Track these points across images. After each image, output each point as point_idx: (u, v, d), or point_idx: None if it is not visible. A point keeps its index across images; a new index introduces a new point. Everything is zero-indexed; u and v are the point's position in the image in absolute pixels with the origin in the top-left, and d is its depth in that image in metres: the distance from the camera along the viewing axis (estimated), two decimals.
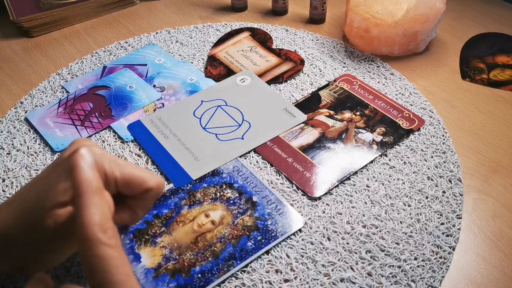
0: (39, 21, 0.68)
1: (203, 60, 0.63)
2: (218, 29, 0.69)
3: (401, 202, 0.45)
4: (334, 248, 0.41)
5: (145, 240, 0.42)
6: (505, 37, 0.67)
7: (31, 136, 0.53)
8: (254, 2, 0.75)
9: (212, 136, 0.52)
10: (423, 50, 0.63)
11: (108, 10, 0.73)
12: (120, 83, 0.59)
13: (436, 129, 0.52)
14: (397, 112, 0.54)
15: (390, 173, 0.48)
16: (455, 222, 0.43)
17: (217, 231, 0.42)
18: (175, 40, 0.67)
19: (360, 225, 0.43)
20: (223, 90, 0.57)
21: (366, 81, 0.59)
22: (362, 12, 0.60)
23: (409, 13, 0.58)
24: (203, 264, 0.40)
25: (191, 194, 0.46)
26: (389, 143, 0.50)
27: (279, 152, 0.50)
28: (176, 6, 0.75)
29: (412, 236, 0.42)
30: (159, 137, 0.51)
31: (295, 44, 0.65)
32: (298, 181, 0.47)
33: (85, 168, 0.28)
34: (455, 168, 0.48)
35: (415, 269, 0.40)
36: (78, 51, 0.66)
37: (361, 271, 0.40)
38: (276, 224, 0.43)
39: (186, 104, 0.56)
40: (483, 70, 0.61)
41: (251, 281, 0.39)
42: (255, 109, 0.55)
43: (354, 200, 0.45)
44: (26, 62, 0.64)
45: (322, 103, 0.56)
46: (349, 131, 0.52)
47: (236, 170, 0.48)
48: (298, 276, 0.40)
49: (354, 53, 0.63)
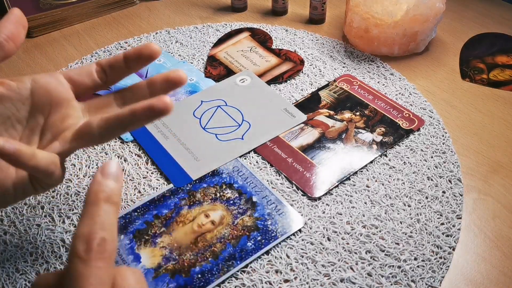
0: (39, 21, 0.68)
1: (203, 60, 0.63)
2: (218, 29, 0.69)
3: (401, 202, 0.45)
4: (334, 248, 0.41)
5: (145, 241, 0.42)
6: (505, 37, 0.67)
7: None
8: (254, 2, 0.75)
9: (212, 136, 0.52)
10: (423, 50, 0.63)
11: (108, 10, 0.73)
12: (120, 83, 0.59)
13: (436, 129, 0.52)
14: (397, 112, 0.54)
15: (390, 173, 0.48)
16: (455, 222, 0.43)
17: (217, 232, 0.42)
18: (175, 40, 0.67)
19: (360, 225, 0.43)
20: (223, 90, 0.57)
21: (366, 81, 0.59)
22: (362, 12, 0.60)
23: (408, 13, 0.58)
24: (203, 264, 0.40)
25: (191, 195, 0.46)
26: (389, 143, 0.50)
27: (279, 152, 0.50)
28: (175, 6, 0.75)
29: (412, 236, 0.42)
30: (159, 137, 0.51)
31: (295, 44, 0.65)
32: (298, 181, 0.47)
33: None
34: (455, 168, 0.48)
35: (415, 269, 0.40)
36: (78, 51, 0.66)
37: (361, 271, 0.40)
38: (276, 224, 0.43)
39: (186, 104, 0.56)
40: (483, 70, 0.61)
41: (251, 281, 0.39)
42: (255, 109, 0.55)
43: (354, 200, 0.45)
44: (26, 62, 0.64)
45: (322, 103, 0.56)
46: (349, 131, 0.52)
47: (236, 170, 0.48)
48: (298, 276, 0.40)
49: (354, 53, 0.63)
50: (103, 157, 0.50)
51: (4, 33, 0.33)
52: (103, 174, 0.25)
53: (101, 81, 0.37)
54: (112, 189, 0.25)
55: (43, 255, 0.41)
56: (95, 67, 0.37)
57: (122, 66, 0.37)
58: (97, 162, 0.49)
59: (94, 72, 0.37)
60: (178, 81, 0.37)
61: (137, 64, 0.37)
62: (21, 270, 0.40)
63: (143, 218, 0.44)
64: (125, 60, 0.37)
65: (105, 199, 0.24)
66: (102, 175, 0.25)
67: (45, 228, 0.43)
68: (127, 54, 0.37)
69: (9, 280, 0.39)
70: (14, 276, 0.40)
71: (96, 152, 0.50)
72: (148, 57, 0.36)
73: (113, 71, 0.37)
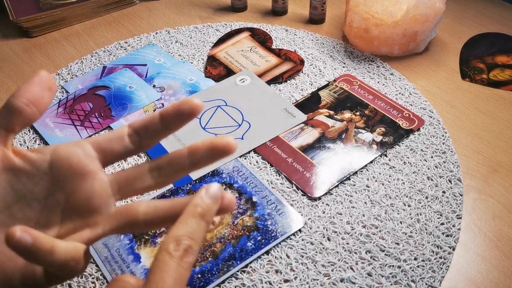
0: (39, 21, 0.68)
1: (203, 60, 0.63)
2: (218, 29, 0.69)
3: (401, 202, 0.45)
4: (334, 248, 0.41)
5: (145, 240, 0.42)
6: (505, 37, 0.67)
7: (31, 136, 0.53)
8: (254, 2, 0.75)
9: (212, 136, 0.51)
10: (423, 50, 0.63)
11: (108, 10, 0.73)
12: (120, 83, 0.59)
13: (436, 129, 0.52)
14: (397, 112, 0.54)
15: (390, 173, 0.48)
16: (455, 222, 0.43)
17: (217, 231, 0.42)
18: (175, 40, 0.67)
19: (360, 225, 0.43)
20: (223, 90, 0.57)
21: (366, 81, 0.59)
22: (362, 12, 0.60)
23: (408, 13, 0.58)
24: (203, 264, 0.40)
25: (191, 194, 0.46)
26: (389, 143, 0.50)
27: (279, 152, 0.50)
28: (175, 6, 0.75)
29: (412, 236, 0.42)
30: None
31: (295, 44, 0.65)
32: (298, 181, 0.47)
33: None
34: (455, 168, 0.48)
35: (415, 269, 0.40)
36: (77, 51, 0.66)
37: (361, 271, 0.40)
38: (276, 224, 0.43)
39: None
40: (483, 70, 0.61)
41: (251, 281, 0.39)
42: (255, 109, 0.55)
43: (354, 200, 0.45)
44: (26, 62, 0.64)
45: (322, 103, 0.56)
46: (349, 131, 0.52)
47: (236, 170, 0.48)
48: (298, 276, 0.40)
49: (354, 53, 0.63)
50: None
51: (25, 96, 0.29)
52: (206, 192, 0.28)
53: (133, 145, 0.32)
54: (209, 208, 0.28)
55: None
56: (127, 131, 0.32)
57: (158, 127, 0.31)
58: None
59: (126, 137, 0.32)
60: (227, 150, 0.31)
61: (177, 123, 0.31)
62: None
63: None
64: (162, 120, 0.31)
65: (201, 214, 0.28)
66: (205, 193, 0.28)
67: None
68: (163, 113, 0.31)
69: None
70: None
71: None
72: (189, 115, 0.31)
73: (148, 133, 0.32)
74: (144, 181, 0.31)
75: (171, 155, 0.32)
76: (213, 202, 0.28)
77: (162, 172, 0.32)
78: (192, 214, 0.28)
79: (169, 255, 0.26)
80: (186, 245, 0.26)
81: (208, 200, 0.28)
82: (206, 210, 0.28)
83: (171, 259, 0.26)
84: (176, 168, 0.32)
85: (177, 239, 0.27)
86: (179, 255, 0.26)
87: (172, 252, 0.26)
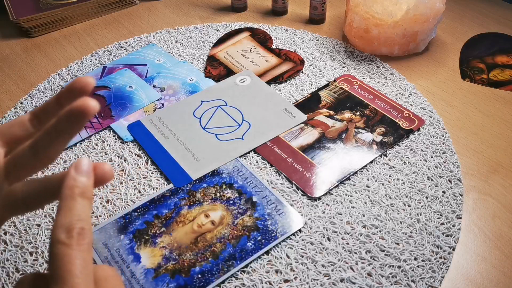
0: (39, 21, 0.68)
1: (203, 60, 0.63)
2: (218, 29, 0.69)
3: (401, 202, 0.45)
4: (334, 248, 0.41)
5: (145, 241, 0.42)
6: (505, 37, 0.67)
7: None
8: (254, 2, 0.75)
9: (212, 136, 0.52)
10: (423, 50, 0.63)
11: (108, 10, 0.73)
12: (120, 83, 0.59)
13: (436, 129, 0.52)
14: (397, 112, 0.54)
15: (390, 173, 0.48)
16: (455, 222, 0.43)
17: (217, 231, 0.42)
18: (175, 40, 0.67)
19: (360, 225, 0.43)
20: (223, 90, 0.57)
21: (366, 81, 0.59)
22: (362, 12, 0.60)
23: (408, 13, 0.58)
24: (203, 264, 0.40)
25: (191, 195, 0.46)
26: (389, 143, 0.50)
27: (279, 152, 0.50)
28: (175, 6, 0.75)
29: (412, 236, 0.42)
30: (159, 137, 0.51)
31: (295, 44, 0.65)
32: (298, 181, 0.47)
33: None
34: (455, 168, 0.48)
35: (415, 269, 0.40)
36: (77, 51, 0.66)
37: (361, 271, 0.40)
38: (276, 224, 0.43)
39: (186, 104, 0.56)
40: (482, 70, 0.61)
41: (251, 281, 0.39)
42: (255, 109, 0.55)
43: (354, 200, 0.45)
44: (26, 62, 0.64)
45: (322, 103, 0.56)
46: (349, 131, 0.52)
47: (236, 170, 0.48)
48: (298, 276, 0.40)
49: (354, 53, 0.63)
50: (103, 157, 0.50)
51: None
52: (76, 171, 0.27)
53: (34, 128, 0.33)
54: (86, 185, 0.27)
55: (43, 255, 0.41)
56: (28, 117, 0.33)
57: (55, 108, 0.32)
58: (97, 162, 0.49)
59: (27, 121, 0.32)
60: (82, 88, 0.31)
61: (70, 101, 0.31)
62: (21, 270, 0.40)
63: (143, 218, 0.44)
64: (57, 101, 0.32)
65: (80, 194, 0.27)
66: (75, 171, 0.27)
67: (45, 228, 0.43)
68: (59, 94, 0.33)
69: (9, 280, 0.39)
70: (14, 276, 0.40)
71: (96, 152, 0.50)
72: (79, 92, 0.31)
73: (47, 115, 0.33)
74: (29, 135, 0.32)
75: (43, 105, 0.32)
76: (88, 178, 0.28)
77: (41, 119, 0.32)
78: (72, 198, 0.26)
79: (65, 245, 0.25)
80: (78, 228, 0.26)
81: (82, 177, 0.27)
82: (84, 188, 0.27)
83: (68, 248, 0.25)
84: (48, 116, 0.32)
85: (67, 227, 0.25)
86: (75, 241, 0.25)
87: (66, 240, 0.25)
